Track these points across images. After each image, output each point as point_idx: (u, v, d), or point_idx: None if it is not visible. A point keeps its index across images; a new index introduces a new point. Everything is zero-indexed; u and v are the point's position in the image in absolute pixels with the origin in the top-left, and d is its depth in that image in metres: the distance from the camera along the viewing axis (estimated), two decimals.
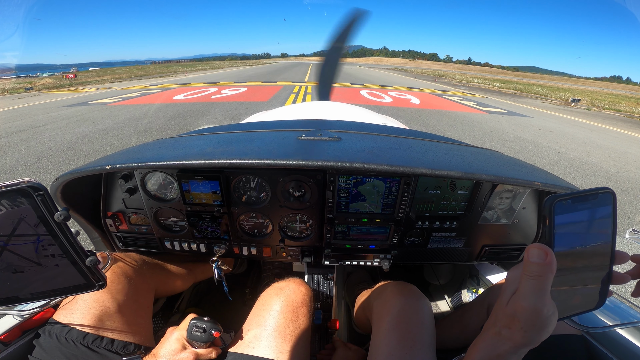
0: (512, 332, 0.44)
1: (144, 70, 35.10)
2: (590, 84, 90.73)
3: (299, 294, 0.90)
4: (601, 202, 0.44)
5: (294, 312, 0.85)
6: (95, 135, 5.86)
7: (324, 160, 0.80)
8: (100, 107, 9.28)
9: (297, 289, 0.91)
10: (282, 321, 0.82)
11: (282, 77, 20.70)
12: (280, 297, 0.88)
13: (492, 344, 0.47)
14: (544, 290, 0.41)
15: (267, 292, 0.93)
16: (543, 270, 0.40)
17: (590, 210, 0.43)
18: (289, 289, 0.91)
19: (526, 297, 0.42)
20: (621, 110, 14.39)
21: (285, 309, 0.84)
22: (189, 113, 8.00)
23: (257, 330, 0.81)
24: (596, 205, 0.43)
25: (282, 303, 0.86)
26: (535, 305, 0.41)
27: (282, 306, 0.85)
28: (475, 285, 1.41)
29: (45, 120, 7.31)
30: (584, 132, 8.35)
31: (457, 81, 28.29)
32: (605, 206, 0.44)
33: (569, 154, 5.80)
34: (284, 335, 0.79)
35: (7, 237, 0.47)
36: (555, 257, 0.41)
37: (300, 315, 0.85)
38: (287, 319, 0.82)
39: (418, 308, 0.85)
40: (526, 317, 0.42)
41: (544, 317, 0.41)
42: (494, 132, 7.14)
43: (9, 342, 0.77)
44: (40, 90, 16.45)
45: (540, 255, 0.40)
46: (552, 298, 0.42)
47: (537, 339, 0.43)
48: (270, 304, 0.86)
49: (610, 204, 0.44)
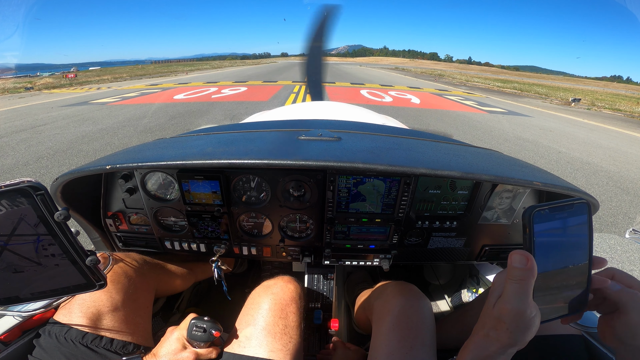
0: (499, 333, 0.46)
1: (144, 70, 35.09)
2: (591, 84, 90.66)
3: (287, 292, 0.89)
4: (577, 211, 0.47)
5: (283, 310, 0.84)
6: (95, 134, 5.85)
7: (324, 160, 0.79)
8: (100, 106, 9.28)
9: (285, 286, 0.91)
10: (271, 319, 0.82)
11: (282, 77, 20.68)
12: (269, 296, 0.87)
13: (481, 345, 0.49)
14: (526, 293, 0.44)
15: (256, 291, 0.92)
16: (525, 274, 0.44)
17: (566, 219, 0.47)
18: (277, 287, 0.90)
19: (510, 300, 0.45)
20: (621, 110, 14.39)
21: (273, 307, 0.84)
22: (190, 113, 7.99)
23: (247, 329, 0.81)
24: (572, 214, 0.47)
25: (270, 301, 0.85)
26: (519, 307, 0.44)
27: (271, 304, 0.85)
28: (475, 285, 1.41)
29: (46, 120, 7.30)
30: (584, 131, 8.35)
31: (457, 81, 28.28)
32: (581, 215, 0.47)
33: (570, 154, 5.79)
34: (273, 333, 0.79)
35: (7, 236, 0.47)
36: (535, 262, 0.44)
37: (289, 313, 0.85)
38: (276, 317, 0.82)
39: (418, 308, 0.85)
40: (511, 318, 0.45)
41: (527, 318, 0.44)
42: (494, 132, 7.13)
43: (9, 342, 0.77)
44: (41, 90, 16.44)
45: (522, 261, 0.44)
46: (536, 301, 0.45)
47: (522, 340, 0.46)
48: (258, 303, 0.86)
49: (585, 212, 0.48)
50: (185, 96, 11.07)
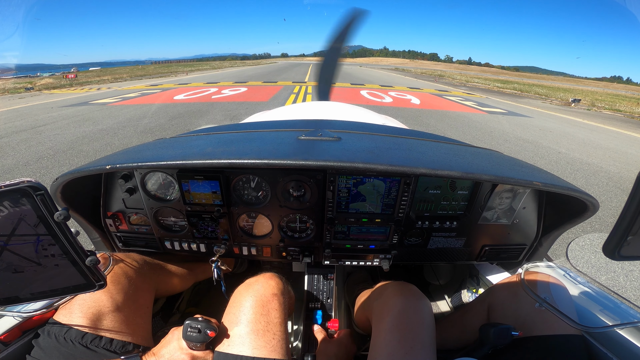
0: None
1: (144, 70, 35.04)
2: (591, 84, 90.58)
3: (269, 288, 0.89)
4: None
5: (264, 307, 0.84)
6: (95, 135, 5.85)
7: (324, 160, 0.79)
8: (100, 107, 9.28)
9: (266, 282, 0.90)
10: (253, 317, 0.81)
11: (282, 77, 20.68)
12: (250, 293, 0.87)
13: None
14: None
15: (238, 289, 0.92)
16: None
17: None
18: (258, 284, 0.90)
19: None
20: (621, 111, 14.38)
21: (255, 304, 0.84)
22: (190, 113, 8.00)
23: (231, 328, 0.81)
24: None
25: (251, 299, 0.85)
26: None
27: (252, 302, 0.84)
28: (475, 285, 1.41)
29: (46, 120, 7.32)
30: (584, 132, 8.34)
31: (457, 81, 28.28)
32: None
33: (570, 154, 5.80)
34: (256, 330, 0.79)
35: (7, 237, 0.47)
36: None
37: (271, 309, 0.84)
38: (258, 314, 0.82)
39: (418, 308, 0.85)
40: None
41: None
42: (495, 133, 7.14)
43: (9, 342, 0.77)
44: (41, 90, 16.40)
45: None
46: None
47: None
48: (240, 301, 0.86)
49: None
50: (185, 97, 11.08)
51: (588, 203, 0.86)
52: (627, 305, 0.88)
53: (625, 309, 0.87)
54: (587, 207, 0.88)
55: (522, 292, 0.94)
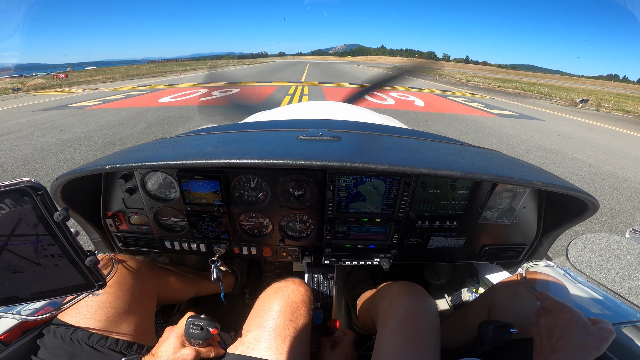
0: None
1: (138, 70, 34.68)
2: (588, 82, 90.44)
3: (298, 295, 0.89)
4: None
5: (294, 313, 0.84)
6: (56, 147, 5.21)
7: (324, 160, 0.79)
8: (76, 111, 8.71)
9: (296, 289, 0.91)
10: (281, 322, 0.81)
11: (277, 77, 20.34)
12: (280, 298, 0.87)
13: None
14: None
15: (266, 292, 0.92)
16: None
17: None
18: (288, 289, 0.90)
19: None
20: (629, 111, 14.19)
21: (284, 310, 0.84)
22: (171, 119, 7.36)
23: (256, 331, 0.81)
24: None
25: (281, 304, 0.85)
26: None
27: (282, 307, 0.84)
28: (475, 284, 1.41)
29: (11, 128, 6.64)
30: (604, 137, 7.79)
31: (457, 80, 28.25)
32: None
33: (601, 167, 5.16)
34: (283, 336, 0.79)
35: (6, 237, 0.47)
36: None
37: (299, 316, 0.85)
38: (287, 319, 0.82)
39: (424, 308, 0.85)
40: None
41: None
42: (512, 140, 6.57)
43: (9, 342, 0.77)
44: (29, 91, 15.91)
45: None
46: None
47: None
48: (269, 305, 0.86)
49: None
50: (171, 99, 10.38)
51: (588, 203, 0.86)
52: (627, 305, 0.88)
53: (625, 308, 0.87)
54: (587, 207, 0.88)
55: (522, 292, 0.94)
